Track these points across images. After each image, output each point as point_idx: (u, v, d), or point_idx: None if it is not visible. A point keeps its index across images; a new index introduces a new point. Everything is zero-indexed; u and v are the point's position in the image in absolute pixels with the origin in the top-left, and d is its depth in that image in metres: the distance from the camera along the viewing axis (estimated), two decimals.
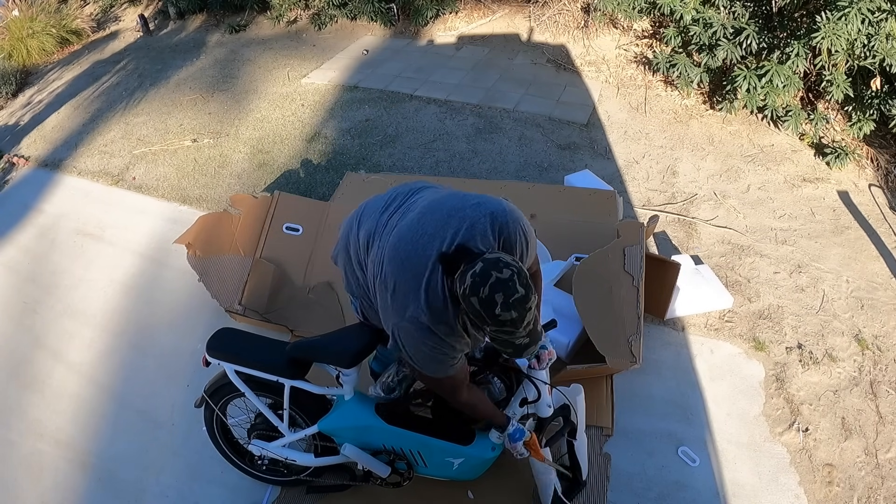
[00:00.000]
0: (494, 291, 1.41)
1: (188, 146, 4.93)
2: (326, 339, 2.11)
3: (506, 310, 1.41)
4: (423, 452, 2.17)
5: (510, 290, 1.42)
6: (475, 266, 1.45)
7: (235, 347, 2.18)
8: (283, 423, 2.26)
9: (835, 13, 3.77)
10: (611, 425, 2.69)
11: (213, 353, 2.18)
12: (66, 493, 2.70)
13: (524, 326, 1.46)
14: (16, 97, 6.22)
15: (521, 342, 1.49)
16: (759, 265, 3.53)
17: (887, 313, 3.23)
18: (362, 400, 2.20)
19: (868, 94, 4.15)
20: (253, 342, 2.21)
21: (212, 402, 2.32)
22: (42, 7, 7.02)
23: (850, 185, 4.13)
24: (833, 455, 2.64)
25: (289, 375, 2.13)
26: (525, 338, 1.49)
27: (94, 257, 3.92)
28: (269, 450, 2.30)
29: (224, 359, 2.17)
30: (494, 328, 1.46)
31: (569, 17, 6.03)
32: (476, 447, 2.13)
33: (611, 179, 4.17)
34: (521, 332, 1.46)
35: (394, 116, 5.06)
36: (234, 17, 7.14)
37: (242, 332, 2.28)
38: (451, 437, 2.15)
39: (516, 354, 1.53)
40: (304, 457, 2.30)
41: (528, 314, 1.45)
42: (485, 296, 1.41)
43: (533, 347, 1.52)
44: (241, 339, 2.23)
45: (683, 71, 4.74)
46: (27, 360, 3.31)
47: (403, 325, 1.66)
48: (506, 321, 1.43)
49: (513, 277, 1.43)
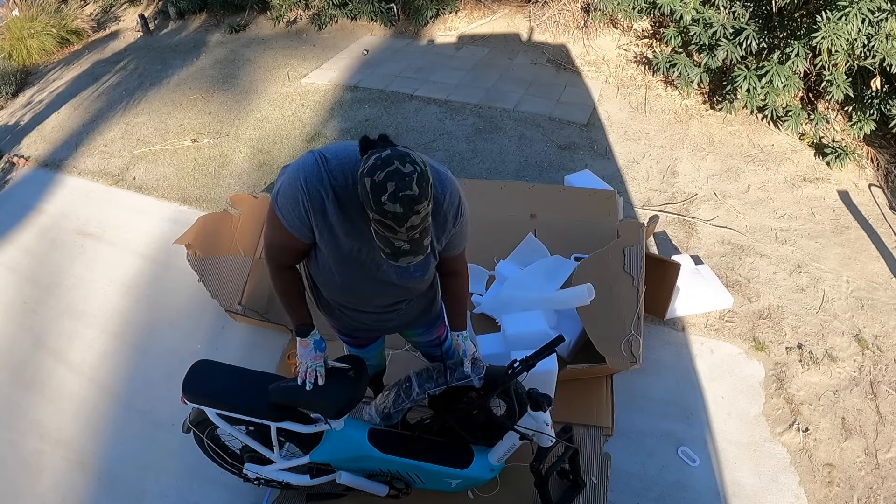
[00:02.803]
0: (388, 179, 1.37)
1: (188, 146, 4.93)
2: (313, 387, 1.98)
3: (392, 201, 1.36)
4: (420, 474, 2.14)
5: (405, 184, 1.37)
6: (384, 150, 1.41)
7: (213, 388, 2.04)
8: (274, 453, 2.18)
9: (835, 13, 3.77)
10: (611, 425, 2.69)
11: (191, 397, 2.04)
12: (66, 493, 2.70)
13: (407, 229, 1.41)
14: (16, 97, 6.22)
15: (401, 246, 1.45)
16: (759, 265, 3.53)
17: (887, 313, 3.23)
18: (354, 429, 2.12)
19: (868, 94, 4.15)
20: (231, 381, 2.06)
21: (198, 431, 2.23)
22: (42, 7, 7.02)
23: (850, 185, 4.13)
24: (833, 455, 2.64)
25: (273, 418, 2.02)
26: (405, 243, 1.44)
27: (94, 257, 3.93)
28: (264, 474, 2.25)
29: (203, 403, 2.04)
30: (377, 217, 1.40)
31: (569, 17, 6.03)
32: (474, 469, 2.10)
33: (611, 179, 4.17)
34: (402, 233, 1.41)
35: (394, 116, 5.06)
36: (235, 17, 7.14)
37: (219, 367, 2.12)
38: (447, 462, 2.10)
39: (393, 257, 1.47)
40: (299, 478, 2.25)
41: (415, 217, 1.40)
42: (378, 180, 1.37)
43: (413, 258, 1.47)
44: (219, 377, 2.08)
45: (683, 71, 4.74)
46: (27, 360, 3.31)
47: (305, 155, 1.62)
48: (388, 212, 1.38)
49: (413, 174, 1.38)
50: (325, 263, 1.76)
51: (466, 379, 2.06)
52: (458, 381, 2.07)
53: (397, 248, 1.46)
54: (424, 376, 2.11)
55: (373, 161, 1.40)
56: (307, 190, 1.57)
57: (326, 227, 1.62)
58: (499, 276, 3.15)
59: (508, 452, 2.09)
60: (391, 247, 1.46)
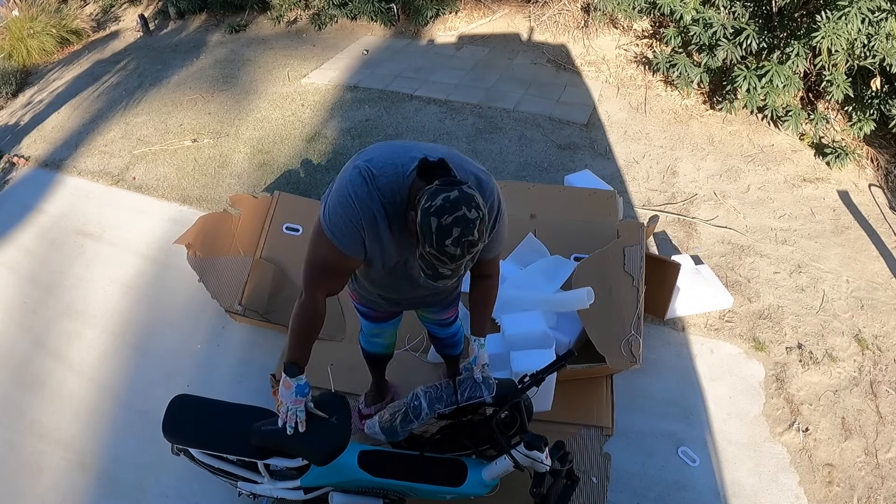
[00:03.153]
0: (455, 225, 1.41)
1: (188, 146, 4.93)
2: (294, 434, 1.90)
3: (456, 245, 1.42)
4: (413, 492, 2.12)
5: (469, 230, 1.43)
6: (451, 192, 1.44)
7: (195, 428, 1.99)
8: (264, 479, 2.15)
9: (835, 13, 3.77)
10: (611, 425, 2.69)
11: (175, 438, 2.00)
12: (66, 493, 2.70)
13: (458, 264, 1.48)
14: (16, 97, 6.22)
15: (444, 272, 1.50)
16: (759, 265, 3.53)
17: (887, 313, 3.23)
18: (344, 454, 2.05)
19: (868, 94, 4.15)
20: (213, 419, 2.01)
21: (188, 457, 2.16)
22: (42, 7, 7.01)
23: (850, 185, 4.13)
24: (833, 455, 2.64)
25: (259, 456, 1.99)
26: (449, 270, 1.50)
27: (94, 257, 3.92)
28: (257, 491, 2.23)
29: (187, 444, 2.01)
30: (434, 253, 1.45)
31: (569, 17, 6.03)
32: (467, 486, 2.08)
33: (611, 179, 4.17)
34: (450, 265, 1.48)
35: (394, 116, 5.06)
36: (235, 17, 7.14)
37: (198, 404, 2.07)
38: (441, 481, 2.09)
39: (433, 279, 1.52)
40: (294, 494, 2.21)
41: (468, 259, 1.47)
42: (445, 223, 1.41)
43: (448, 282, 1.54)
44: (200, 415, 2.02)
45: (683, 71, 4.74)
46: (27, 360, 3.31)
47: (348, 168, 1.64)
48: (447, 254, 1.43)
49: (476, 220, 1.44)
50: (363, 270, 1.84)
51: (477, 398, 2.05)
52: (468, 401, 2.05)
53: (440, 272, 1.50)
54: (434, 395, 2.08)
55: (441, 202, 1.43)
56: (360, 210, 1.59)
57: (378, 244, 1.66)
58: None
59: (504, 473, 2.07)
60: (434, 270, 1.51)
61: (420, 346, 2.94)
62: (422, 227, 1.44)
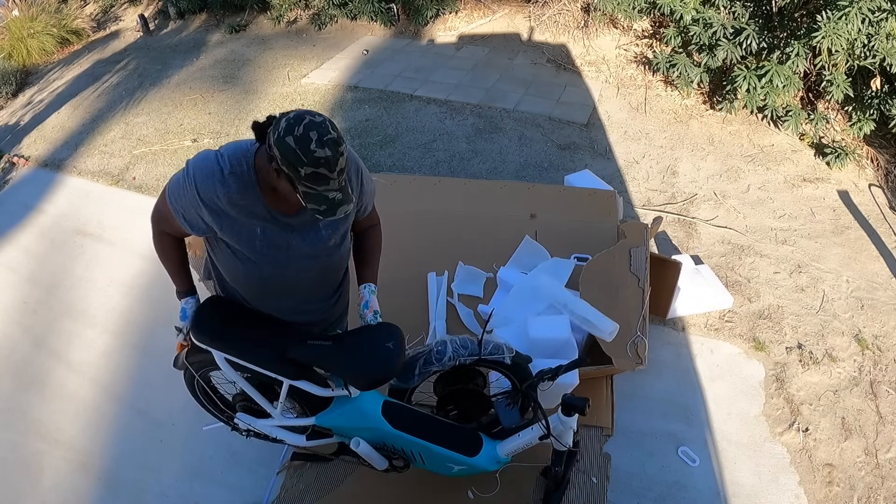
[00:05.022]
0: (308, 130, 1.44)
1: (188, 146, 4.93)
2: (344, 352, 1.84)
3: (321, 146, 1.43)
4: (424, 455, 2.09)
5: (324, 129, 1.45)
6: (289, 113, 1.48)
7: (227, 331, 1.89)
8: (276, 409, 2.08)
9: (835, 13, 3.77)
10: (611, 425, 2.69)
11: (201, 336, 1.88)
12: (66, 493, 2.70)
13: (338, 172, 1.48)
14: (16, 97, 6.22)
15: (335, 196, 1.50)
16: (759, 265, 3.53)
17: (887, 313, 3.23)
18: (369, 398, 2.03)
19: (868, 94, 4.15)
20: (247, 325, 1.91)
21: (192, 369, 2.09)
22: (42, 7, 7.01)
23: (850, 185, 4.13)
24: (833, 455, 2.64)
25: (290, 375, 1.89)
26: (338, 192, 1.51)
27: (94, 257, 3.92)
28: (257, 427, 2.16)
29: (213, 345, 1.89)
30: (310, 170, 1.45)
31: (569, 17, 6.03)
32: (481, 459, 2.07)
33: (611, 179, 4.17)
34: (334, 179, 1.48)
35: (394, 116, 5.06)
36: (235, 17, 7.14)
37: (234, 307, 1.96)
38: (457, 448, 2.06)
39: (330, 212, 1.52)
40: (294, 438, 2.17)
41: (341, 159, 1.48)
42: (300, 134, 1.43)
43: (346, 206, 1.53)
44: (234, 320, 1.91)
45: (683, 71, 4.74)
46: (27, 360, 3.31)
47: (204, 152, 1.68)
48: (320, 159, 1.44)
49: (325, 121, 1.47)
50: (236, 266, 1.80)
51: (498, 357, 2.07)
52: (489, 355, 2.07)
53: (332, 199, 1.50)
54: (459, 343, 2.09)
55: (285, 123, 1.46)
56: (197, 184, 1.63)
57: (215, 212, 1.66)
58: (501, 283, 3.14)
59: (521, 449, 2.06)
60: (326, 201, 1.50)
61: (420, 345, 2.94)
62: (284, 154, 1.45)
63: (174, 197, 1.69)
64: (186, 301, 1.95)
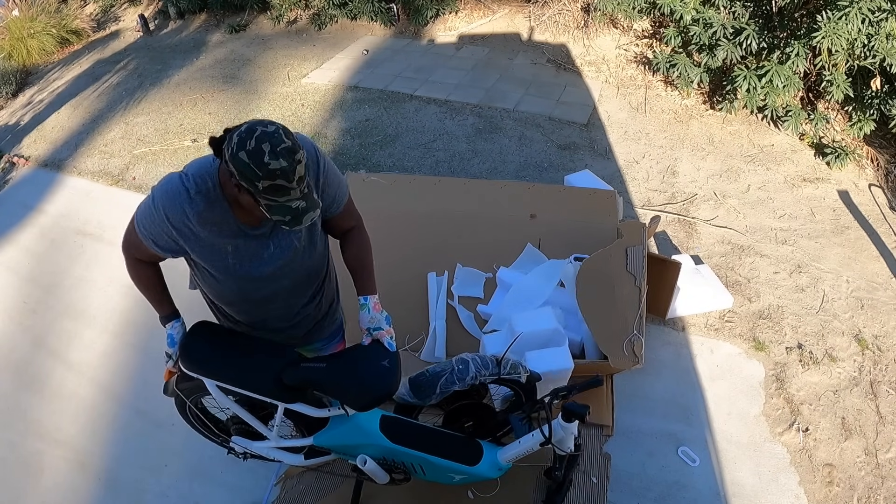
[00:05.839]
0: (260, 142, 1.40)
1: (188, 146, 4.93)
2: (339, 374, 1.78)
3: (275, 158, 1.40)
4: (425, 467, 2.07)
5: (277, 139, 1.41)
6: (240, 127, 1.45)
7: (217, 357, 1.83)
8: (273, 431, 2.03)
9: (835, 13, 3.77)
10: (611, 425, 2.69)
11: (191, 365, 1.83)
12: (66, 493, 2.70)
13: (297, 181, 1.44)
14: (16, 97, 6.22)
15: (298, 205, 1.47)
16: (759, 265, 3.53)
17: (887, 313, 3.23)
18: (366, 416, 1.99)
19: (868, 94, 4.15)
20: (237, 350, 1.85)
21: (183, 395, 2.03)
22: (42, 7, 7.01)
23: (850, 185, 4.13)
24: (833, 455, 2.64)
25: (285, 399, 1.84)
26: (301, 200, 1.47)
27: (93, 257, 3.93)
28: (253, 450, 2.13)
29: (204, 374, 1.84)
30: (267, 183, 1.41)
31: (569, 17, 6.03)
32: (482, 467, 2.06)
33: (611, 179, 4.17)
34: (295, 189, 1.45)
35: (394, 116, 5.06)
36: (235, 16, 7.14)
37: (222, 333, 1.91)
38: (458, 458, 2.05)
39: (296, 222, 1.48)
40: (292, 458, 2.14)
41: (299, 167, 1.44)
42: (252, 147, 1.40)
43: (312, 213, 1.50)
44: (222, 345, 1.86)
45: (683, 71, 4.74)
46: (27, 360, 3.31)
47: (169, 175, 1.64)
48: (275, 171, 1.40)
49: (278, 131, 1.43)
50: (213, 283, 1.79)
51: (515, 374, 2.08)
52: (508, 375, 2.08)
53: (295, 209, 1.47)
54: (480, 363, 2.08)
55: (236, 138, 1.42)
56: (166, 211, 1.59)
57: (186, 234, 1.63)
58: (501, 283, 3.14)
59: (522, 455, 2.06)
60: (289, 211, 1.47)
61: (420, 346, 2.94)
62: (240, 169, 1.42)
63: (143, 225, 1.66)
64: (172, 326, 1.88)
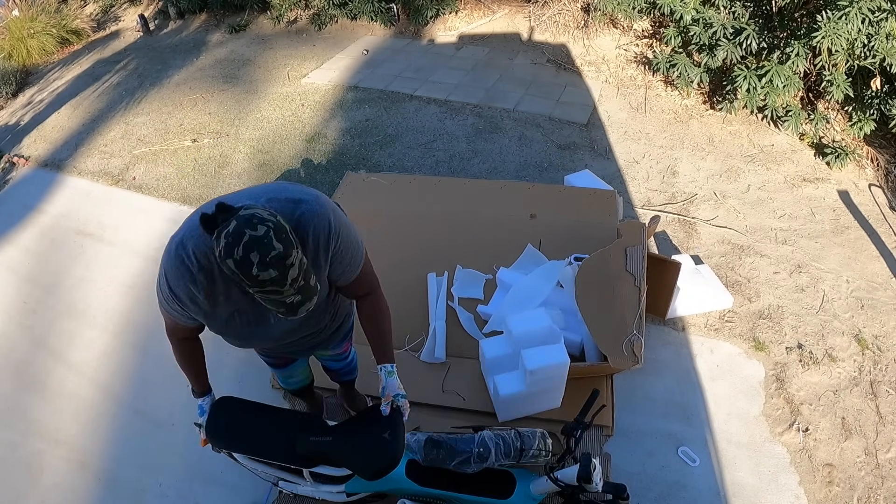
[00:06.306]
0: (249, 251, 1.32)
1: (188, 146, 4.93)
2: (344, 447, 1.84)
3: (263, 269, 1.33)
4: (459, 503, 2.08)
5: (266, 247, 1.33)
6: (229, 226, 1.35)
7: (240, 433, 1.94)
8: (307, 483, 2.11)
9: (835, 13, 3.77)
10: (611, 425, 2.69)
11: (217, 441, 1.94)
12: (66, 493, 2.70)
13: (290, 284, 1.38)
14: (16, 97, 6.22)
15: (293, 300, 1.42)
16: (759, 265, 3.53)
17: (887, 313, 3.23)
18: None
19: (868, 94, 4.15)
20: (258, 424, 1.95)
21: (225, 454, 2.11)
22: (42, 7, 7.01)
23: (850, 185, 4.13)
24: (833, 455, 2.64)
25: (306, 465, 1.93)
26: (295, 295, 1.41)
27: (94, 257, 3.93)
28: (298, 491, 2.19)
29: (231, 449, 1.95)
30: (258, 290, 1.37)
31: (569, 17, 6.03)
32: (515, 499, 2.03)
33: (611, 179, 4.17)
34: (288, 289, 1.39)
35: (394, 116, 5.06)
36: (235, 16, 7.14)
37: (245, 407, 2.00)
38: (488, 493, 2.03)
39: (291, 313, 1.44)
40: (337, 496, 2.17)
41: (291, 270, 1.37)
42: (239, 257, 1.32)
43: (309, 304, 1.45)
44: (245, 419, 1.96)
45: (683, 71, 4.74)
46: (27, 360, 3.31)
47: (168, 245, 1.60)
48: (265, 281, 1.34)
49: (268, 234, 1.34)
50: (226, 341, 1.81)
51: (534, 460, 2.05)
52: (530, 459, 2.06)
53: (290, 303, 1.42)
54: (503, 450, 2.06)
55: (224, 241, 1.35)
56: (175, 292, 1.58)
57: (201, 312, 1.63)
58: (500, 283, 3.14)
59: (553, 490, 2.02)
60: (284, 305, 1.42)
61: (420, 346, 2.94)
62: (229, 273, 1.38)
63: (165, 308, 1.67)
64: (203, 400, 1.96)
